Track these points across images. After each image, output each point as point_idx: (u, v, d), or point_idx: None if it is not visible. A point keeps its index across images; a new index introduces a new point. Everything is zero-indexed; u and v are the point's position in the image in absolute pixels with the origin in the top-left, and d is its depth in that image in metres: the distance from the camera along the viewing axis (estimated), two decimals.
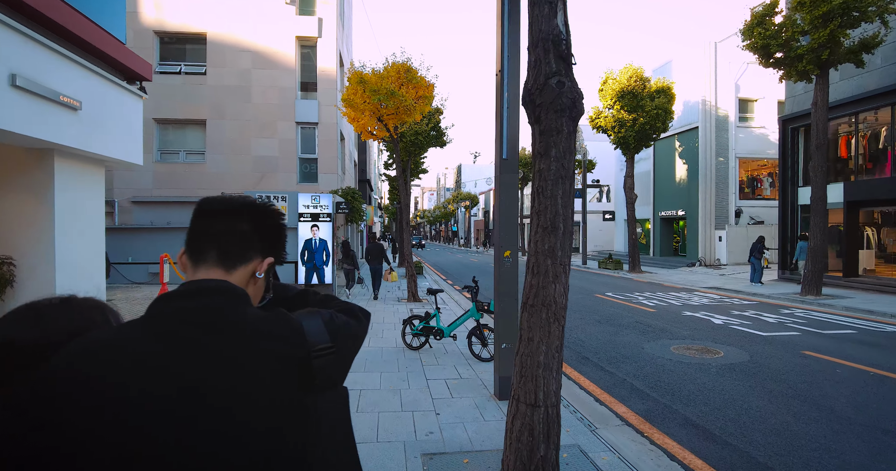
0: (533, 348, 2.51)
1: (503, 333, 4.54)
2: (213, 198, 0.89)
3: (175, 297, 0.78)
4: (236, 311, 0.78)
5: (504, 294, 4.52)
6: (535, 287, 2.52)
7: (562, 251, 2.49)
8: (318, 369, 0.78)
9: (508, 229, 4.53)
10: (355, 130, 11.64)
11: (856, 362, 6.15)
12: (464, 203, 57.34)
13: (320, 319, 0.84)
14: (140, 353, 0.71)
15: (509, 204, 4.54)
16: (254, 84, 16.30)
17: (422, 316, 6.65)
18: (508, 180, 4.53)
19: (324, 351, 0.80)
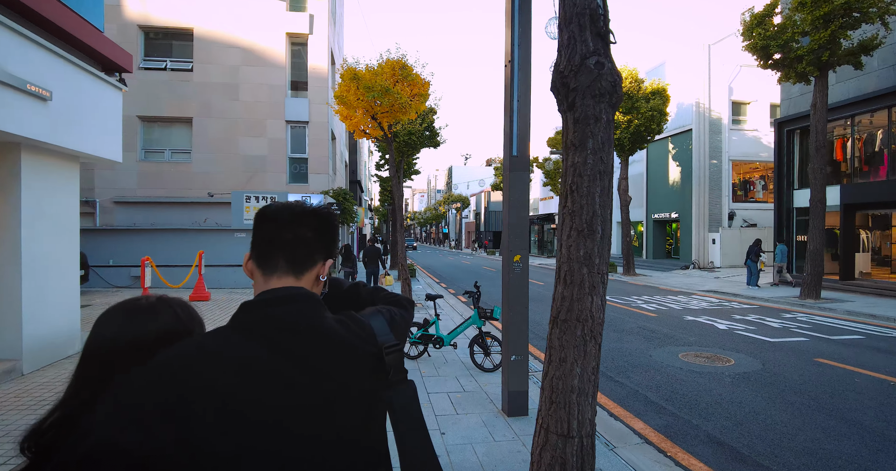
0: (566, 371, 2.17)
1: (513, 344, 4.20)
2: (278, 206, 0.91)
3: (264, 304, 0.81)
4: (319, 316, 0.83)
5: (514, 302, 4.18)
6: (567, 300, 2.18)
7: (599, 258, 2.16)
8: (389, 364, 0.84)
9: (518, 232, 4.20)
10: (348, 129, 11.25)
11: (872, 369, 5.91)
12: (455, 205, 57.07)
13: (383, 319, 0.91)
14: (245, 358, 0.75)
15: (519, 204, 4.20)
16: (242, 81, 15.83)
17: (419, 323, 6.29)
18: (519, 179, 4.20)
19: (392, 348, 0.86)
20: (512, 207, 4.19)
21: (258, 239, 0.89)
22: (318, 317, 0.83)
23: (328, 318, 0.84)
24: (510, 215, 4.18)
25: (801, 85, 15.70)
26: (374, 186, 50.24)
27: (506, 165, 4.25)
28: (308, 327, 0.80)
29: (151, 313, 0.89)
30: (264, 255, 0.87)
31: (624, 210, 20.78)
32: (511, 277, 4.17)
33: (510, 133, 4.17)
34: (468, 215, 64.41)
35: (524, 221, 4.21)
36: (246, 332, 0.78)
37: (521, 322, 4.20)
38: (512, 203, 4.20)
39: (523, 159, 4.20)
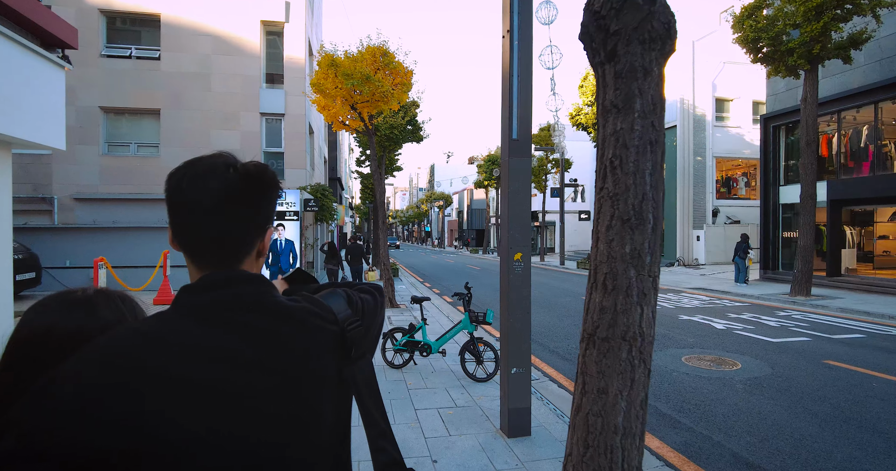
0: (607, 405, 1.65)
1: (513, 355, 3.67)
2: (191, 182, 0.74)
3: (213, 286, 0.73)
4: (271, 296, 0.76)
5: (514, 307, 3.65)
6: (609, 312, 1.65)
7: (651, 256, 1.63)
8: (350, 341, 0.79)
9: (519, 226, 3.67)
10: (326, 120, 10.59)
11: (885, 372, 5.58)
12: (437, 203, 56.49)
13: (341, 296, 0.85)
14: (199, 342, 0.68)
15: (520, 195, 3.67)
16: (214, 71, 14.96)
17: (405, 328, 5.73)
18: (520, 165, 3.67)
19: (353, 324, 0.81)
20: (512, 198, 3.66)
21: (176, 225, 0.77)
22: (270, 297, 0.75)
23: (282, 298, 0.77)
24: (510, 207, 3.65)
25: (786, 81, 15.60)
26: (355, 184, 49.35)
27: (504, 150, 3.72)
28: (270, 307, 0.74)
29: (89, 306, 0.81)
30: (188, 247, 0.77)
31: None
32: (511, 278, 3.64)
33: (509, 113, 3.63)
34: (451, 213, 63.91)
35: (526, 214, 3.68)
36: (197, 315, 0.71)
37: (524, 329, 3.67)
38: (512, 193, 3.66)
39: (525, 143, 3.67)
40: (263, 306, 0.73)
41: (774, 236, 16.16)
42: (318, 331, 0.76)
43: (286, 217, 11.23)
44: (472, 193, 55.06)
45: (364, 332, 0.83)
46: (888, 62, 12.86)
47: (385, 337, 5.80)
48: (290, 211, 11.26)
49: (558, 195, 25.97)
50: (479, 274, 20.34)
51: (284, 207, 11.24)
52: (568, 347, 6.96)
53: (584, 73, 20.01)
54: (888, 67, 12.86)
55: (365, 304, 0.89)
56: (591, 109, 19.59)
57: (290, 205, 11.26)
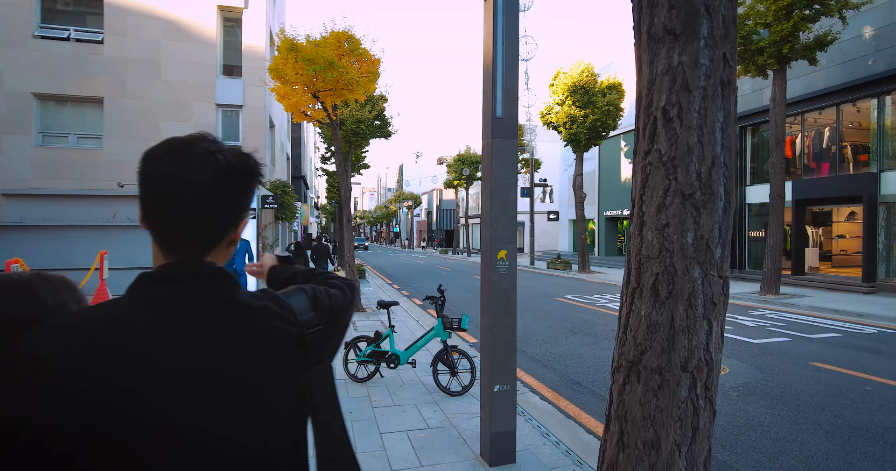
0: (659, 465, 1.12)
1: (497, 370, 3.14)
2: (168, 169, 0.71)
3: (166, 279, 0.70)
4: (234, 293, 0.73)
5: (498, 313, 3.12)
6: (662, 328, 1.15)
7: (722, 249, 1.12)
8: (309, 346, 0.76)
9: (504, 220, 3.14)
10: (286, 109, 9.82)
11: (874, 374, 5.38)
12: (406, 203, 55.73)
13: (305, 296, 0.80)
14: (154, 328, 0.66)
15: (505, 183, 3.15)
16: (165, 58, 13.85)
17: (370, 337, 5.12)
18: (504, 148, 3.14)
19: (314, 329, 0.77)
20: (496, 187, 3.12)
21: (148, 208, 0.72)
22: (232, 294, 0.72)
23: (245, 295, 0.73)
24: (494, 197, 3.12)
25: (752, 82, 15.80)
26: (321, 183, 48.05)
27: (486, 131, 3.18)
28: (230, 304, 0.71)
29: (27, 292, 0.75)
30: (159, 231, 0.73)
31: (579, 207, 20.43)
32: (495, 280, 3.10)
33: (492, 87, 3.10)
34: (420, 214, 63.26)
35: (511, 206, 3.16)
36: (152, 305, 0.68)
37: (509, 340, 3.14)
38: (496, 181, 3.13)
39: (511, 123, 3.15)
40: (224, 303, 0.71)
41: (741, 236, 16.35)
42: (276, 332, 0.73)
43: None
44: (441, 194, 54.60)
45: (326, 337, 0.79)
46: (850, 65, 13.12)
47: (348, 347, 5.18)
48: None
49: (528, 195, 25.78)
50: (449, 275, 19.84)
51: None
52: (547, 354, 6.50)
53: (554, 72, 19.82)
54: (850, 70, 13.12)
55: (332, 301, 0.85)
56: (562, 108, 19.42)
57: None
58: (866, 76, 12.62)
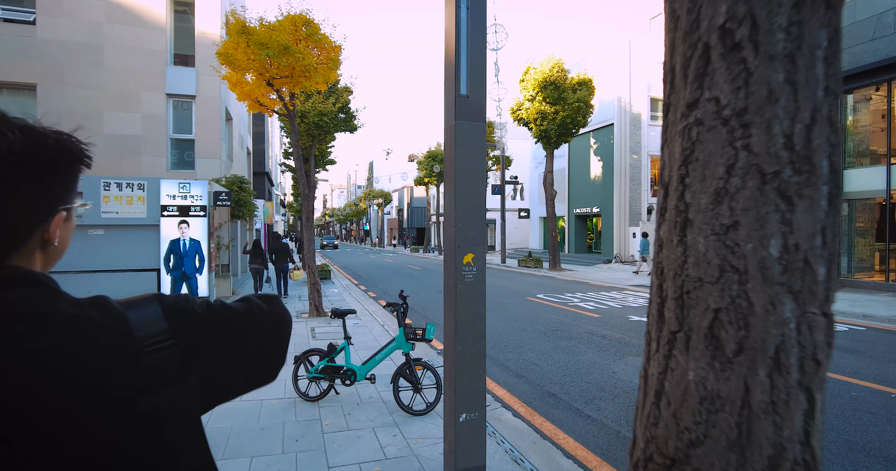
0: None
1: (463, 396, 2.64)
2: None
3: None
4: (56, 301, 0.61)
5: (465, 329, 2.63)
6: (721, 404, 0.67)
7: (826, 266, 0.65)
8: (149, 366, 0.60)
9: (471, 217, 2.65)
10: (239, 98, 9.07)
11: (856, 376, 5.18)
12: (376, 201, 54.78)
13: (157, 306, 0.65)
14: None
15: (472, 174, 2.65)
16: (108, 42, 12.77)
17: (322, 350, 4.55)
18: (470, 132, 2.65)
19: (158, 344, 0.62)
20: (461, 179, 2.62)
21: None
22: (48, 303, 0.60)
23: (62, 302, 0.61)
24: (458, 191, 2.62)
25: None
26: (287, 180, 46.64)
27: (449, 112, 2.68)
28: (28, 316, 0.59)
29: None
30: None
31: (550, 204, 20.24)
32: (460, 289, 2.61)
33: (455, 60, 2.60)
34: (390, 212, 62.40)
35: (479, 201, 2.67)
36: None
37: (477, 359, 2.65)
38: (460, 171, 2.63)
39: (478, 102, 2.65)
40: (15, 315, 0.58)
41: None
42: (96, 349, 0.60)
43: (191, 213, 9.55)
44: (412, 191, 53.91)
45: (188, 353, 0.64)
46: None
47: (298, 361, 4.60)
48: (196, 205, 9.59)
49: (499, 192, 25.49)
50: (419, 274, 19.31)
51: (189, 201, 9.55)
52: (520, 361, 6.07)
53: (525, 68, 19.52)
54: None
55: (219, 310, 0.69)
56: (533, 104, 19.14)
57: (196, 198, 9.60)
58: None
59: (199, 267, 9.68)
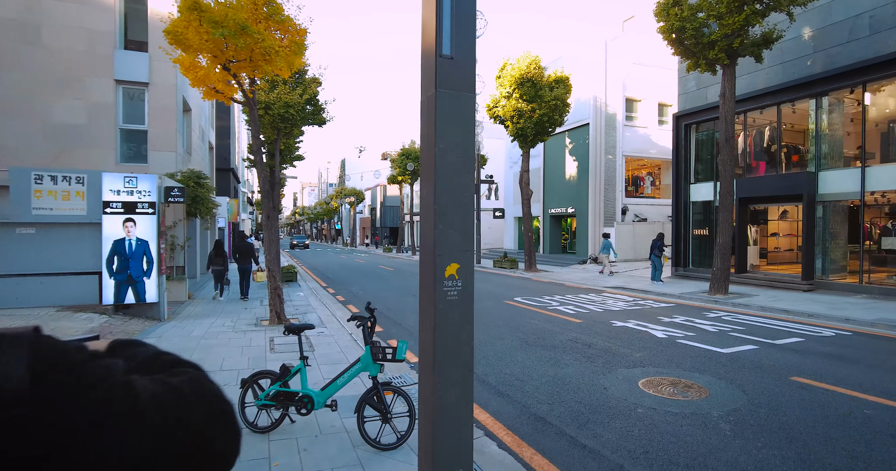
0: None
1: (447, 448, 2.03)
2: None
3: None
4: None
5: (447, 363, 2.02)
6: None
7: None
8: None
9: (455, 212, 2.03)
10: (193, 85, 8.20)
11: (860, 389, 4.83)
12: (348, 199, 53.56)
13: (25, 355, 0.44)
14: None
15: (457, 156, 2.04)
16: (46, 21, 11.60)
17: (274, 373, 3.86)
18: (455, 105, 2.04)
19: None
20: (443, 166, 2.01)
21: None
22: None
23: None
24: (438, 182, 2.00)
25: (696, 80, 15.78)
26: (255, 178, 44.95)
27: (427, 79, 2.06)
28: None
29: None
30: None
31: (525, 204, 19.87)
32: (440, 310, 1.99)
33: (437, 12, 1.98)
34: (363, 210, 61.21)
35: (467, 195, 2.06)
36: None
37: (463, 404, 2.05)
38: (443, 157, 2.01)
39: (465, 66, 2.04)
40: None
41: (685, 234, 16.34)
42: None
43: (137, 210, 8.60)
44: (385, 190, 52.94)
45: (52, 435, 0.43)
46: (790, 65, 13.23)
47: (245, 386, 3.89)
48: (144, 202, 8.66)
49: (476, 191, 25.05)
50: (392, 276, 18.60)
51: (136, 196, 8.60)
52: (501, 376, 5.51)
53: (501, 64, 19.06)
54: (790, 70, 13.23)
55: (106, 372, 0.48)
56: (509, 102, 18.70)
57: (144, 194, 8.66)
58: (805, 76, 12.74)
59: (148, 270, 8.76)
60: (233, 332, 7.78)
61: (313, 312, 9.76)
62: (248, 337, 7.32)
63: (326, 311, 9.88)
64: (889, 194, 11.76)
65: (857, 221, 12.42)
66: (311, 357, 6.13)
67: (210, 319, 8.99)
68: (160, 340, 7.03)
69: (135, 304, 8.75)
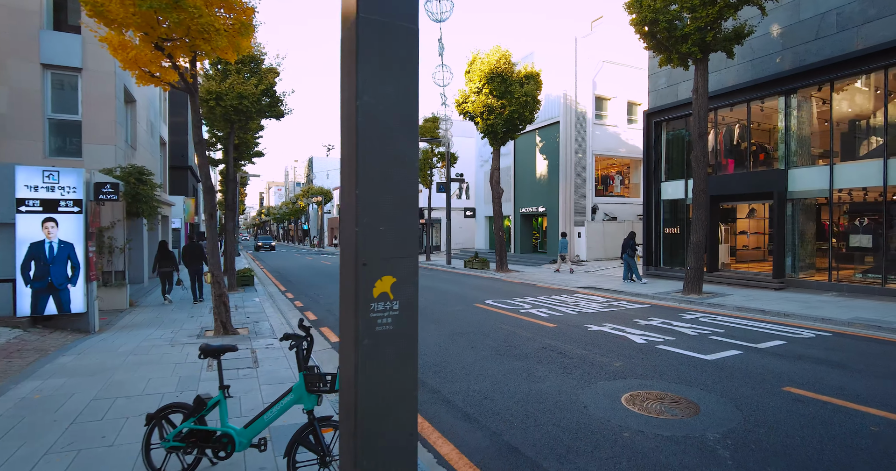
0: None
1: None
2: None
3: None
4: None
5: (375, 433, 1.34)
6: None
7: None
8: None
9: (386, 201, 1.35)
10: (123, 67, 7.25)
11: (857, 401, 4.44)
12: (316, 199, 52.09)
13: None
14: None
15: (391, 115, 1.36)
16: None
17: (187, 406, 3.12)
18: (389, 40, 1.36)
19: None
20: (367, 126, 1.34)
21: None
22: None
23: None
24: (360, 148, 1.32)
25: (667, 77, 15.62)
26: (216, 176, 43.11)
27: (347, 3, 1.38)
28: None
29: None
30: None
31: (496, 203, 19.41)
32: (365, 348, 1.32)
33: None
34: (331, 210, 59.73)
35: (407, 171, 1.39)
36: None
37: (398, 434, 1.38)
38: (367, 116, 1.34)
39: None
40: None
41: (656, 232, 16.16)
42: None
43: (60, 209, 7.58)
44: None
45: None
46: (759, 62, 13.15)
47: (151, 422, 3.12)
48: (68, 199, 7.64)
49: (445, 190, 24.40)
50: None
51: (57, 193, 7.56)
52: (470, 393, 4.88)
53: (471, 58, 18.51)
54: (759, 67, 13.15)
55: None
56: (479, 98, 18.16)
57: (68, 190, 7.64)
58: (774, 74, 12.66)
59: (73, 276, 7.75)
60: (169, 345, 6.88)
61: (266, 320, 8.91)
62: (185, 352, 6.46)
63: (281, 319, 9.05)
64: (856, 192, 11.78)
65: (825, 219, 12.43)
66: (253, 376, 5.36)
67: (148, 330, 8.04)
68: (78, 358, 6.10)
69: (58, 315, 7.72)
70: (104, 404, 4.42)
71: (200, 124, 7.81)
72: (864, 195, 11.80)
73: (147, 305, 10.99)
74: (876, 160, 10.98)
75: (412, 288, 1.38)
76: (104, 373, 5.46)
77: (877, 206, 11.16)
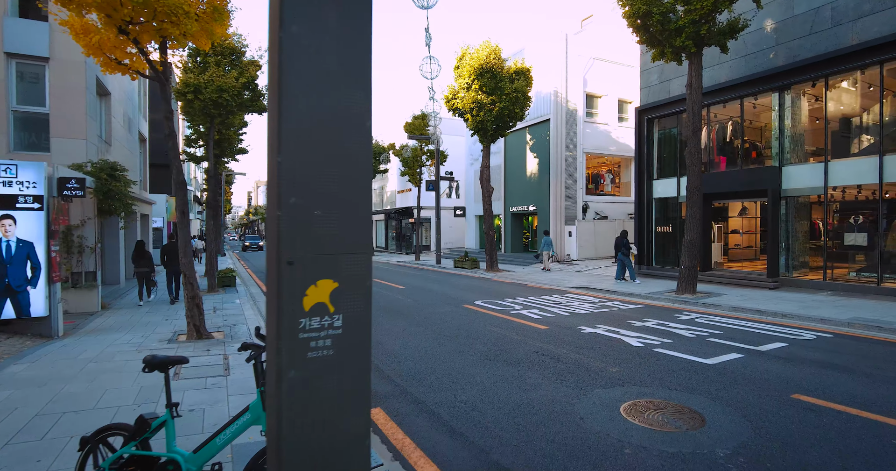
0: None
1: None
2: None
3: None
4: None
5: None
6: None
7: None
8: None
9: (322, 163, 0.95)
10: (86, 53, 6.76)
11: (872, 409, 4.14)
12: None
13: None
14: None
15: (331, 45, 0.95)
16: None
17: (128, 428, 2.70)
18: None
19: None
20: (296, 67, 0.93)
21: None
22: None
23: None
24: (283, 99, 0.92)
25: (659, 74, 15.38)
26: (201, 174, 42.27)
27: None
28: None
29: None
30: None
31: (486, 201, 19.04)
32: (289, 382, 0.93)
33: None
34: None
35: (355, 134, 0.98)
36: None
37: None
38: (297, 52, 0.93)
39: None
40: None
41: (648, 231, 15.93)
42: None
43: (18, 205, 7.06)
44: None
45: None
46: (752, 58, 12.94)
47: (87, 447, 2.70)
48: (27, 195, 7.13)
49: (434, 189, 24.01)
50: None
51: (15, 188, 7.05)
52: (456, 404, 4.50)
53: (460, 53, 18.12)
54: (753, 63, 12.94)
55: None
56: (468, 94, 17.79)
57: (28, 186, 7.13)
58: (768, 70, 12.45)
59: (33, 277, 7.23)
60: (136, 351, 6.41)
61: (244, 323, 8.46)
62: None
63: (261, 322, 8.59)
64: (851, 189, 11.60)
65: (819, 217, 12.25)
66: (223, 385, 4.93)
67: (117, 334, 7.55)
68: (31, 367, 5.61)
69: (16, 319, 7.20)
70: (47, 420, 3.97)
71: (171, 116, 7.33)
72: (859, 193, 11.64)
73: (121, 307, 10.46)
74: (871, 157, 10.80)
75: (362, 298, 0.99)
76: (56, 383, 4.99)
77: (871, 204, 10.99)
